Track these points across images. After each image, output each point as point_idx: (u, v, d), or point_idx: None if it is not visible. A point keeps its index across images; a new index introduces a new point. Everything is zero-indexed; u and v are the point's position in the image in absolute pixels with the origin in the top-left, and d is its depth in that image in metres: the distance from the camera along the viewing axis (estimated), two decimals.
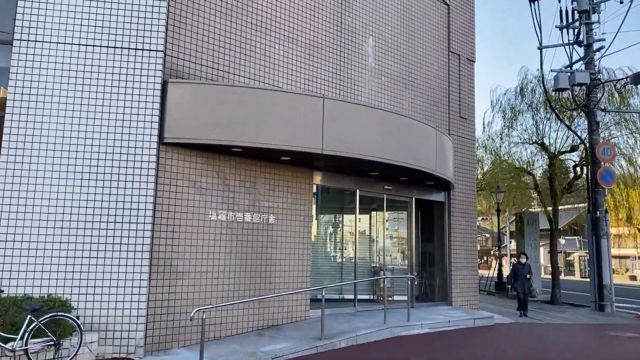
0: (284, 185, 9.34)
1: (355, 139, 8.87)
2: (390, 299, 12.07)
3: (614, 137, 17.23)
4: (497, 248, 24.65)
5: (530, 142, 18.90)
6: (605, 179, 15.20)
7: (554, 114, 17.44)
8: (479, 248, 30.57)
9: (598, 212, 15.29)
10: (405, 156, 9.63)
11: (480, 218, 35.59)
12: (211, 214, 8.24)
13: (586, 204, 41.60)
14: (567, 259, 44.58)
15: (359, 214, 11.26)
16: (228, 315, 8.27)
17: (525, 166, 19.67)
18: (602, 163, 15.31)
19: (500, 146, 19.66)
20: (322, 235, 12.10)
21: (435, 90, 12.78)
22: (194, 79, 8.19)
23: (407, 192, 12.17)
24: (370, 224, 12.84)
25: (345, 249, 12.28)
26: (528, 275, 13.39)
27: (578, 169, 17.89)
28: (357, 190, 11.04)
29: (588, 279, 43.01)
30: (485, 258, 44.97)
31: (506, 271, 22.30)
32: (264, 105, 8.10)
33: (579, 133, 16.99)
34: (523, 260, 13.56)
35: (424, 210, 13.04)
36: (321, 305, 8.11)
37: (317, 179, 10.13)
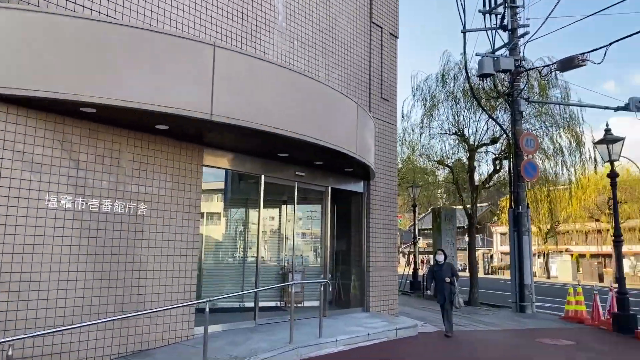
0: (162, 165, 7.10)
1: (258, 104, 6.84)
2: (299, 305, 10.21)
3: (534, 130, 16.55)
4: (412, 245, 23.70)
5: (450, 134, 17.84)
6: (528, 172, 14.35)
7: (474, 104, 16.47)
8: None
9: (520, 207, 14.43)
10: (322, 133, 7.75)
11: None
12: (50, 200, 5.85)
13: (488, 203, 42.82)
14: None
15: (265, 206, 9.27)
16: (73, 341, 5.93)
17: (443, 159, 18.59)
18: (526, 155, 14.47)
19: (420, 137, 18.31)
20: (218, 232, 9.93)
21: (355, 65, 11.06)
22: (22, 5, 5.75)
23: (322, 180, 10.34)
24: (279, 218, 10.91)
25: (250, 248, 10.20)
26: (447, 279, 9.50)
27: (498, 162, 17.05)
28: (262, 176, 9.00)
29: (492, 276, 44.28)
30: None
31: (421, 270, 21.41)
32: (128, 48, 5.82)
33: (500, 124, 16.09)
34: (440, 258, 9.81)
35: (341, 202, 11.25)
36: (205, 323, 6.00)
37: (210, 159, 7.97)
